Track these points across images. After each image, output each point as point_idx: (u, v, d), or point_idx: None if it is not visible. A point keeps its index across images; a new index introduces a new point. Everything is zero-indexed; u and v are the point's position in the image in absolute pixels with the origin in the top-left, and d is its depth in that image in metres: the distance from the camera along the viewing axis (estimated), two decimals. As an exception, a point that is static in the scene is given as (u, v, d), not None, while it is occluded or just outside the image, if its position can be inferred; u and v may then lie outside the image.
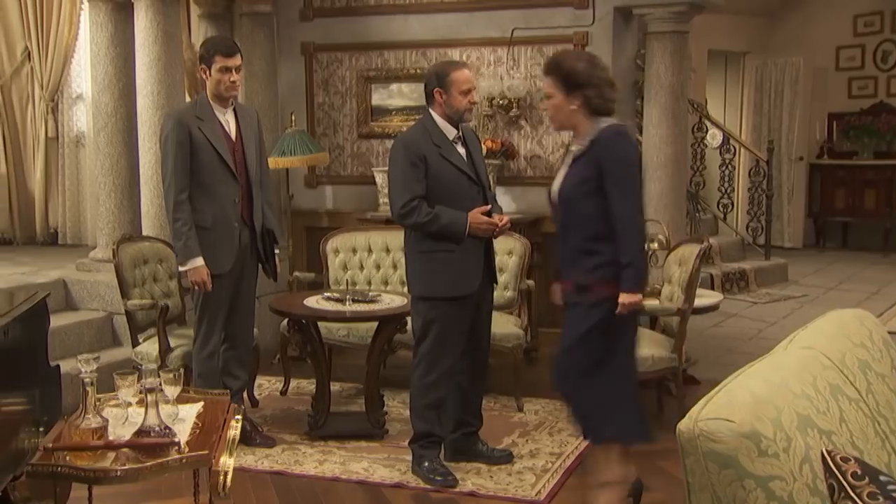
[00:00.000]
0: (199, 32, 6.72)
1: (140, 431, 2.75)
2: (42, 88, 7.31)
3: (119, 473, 2.64)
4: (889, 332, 2.51)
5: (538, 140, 6.12)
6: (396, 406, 4.95)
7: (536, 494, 3.91)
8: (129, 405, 2.94)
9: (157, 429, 2.75)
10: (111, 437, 2.75)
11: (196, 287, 4.25)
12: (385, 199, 5.67)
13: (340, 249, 5.65)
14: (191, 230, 4.21)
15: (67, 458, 2.67)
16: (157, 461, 2.67)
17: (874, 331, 2.45)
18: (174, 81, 5.49)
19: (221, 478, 2.76)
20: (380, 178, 6.21)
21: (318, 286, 5.52)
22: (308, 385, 5.18)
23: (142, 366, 3.61)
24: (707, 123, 8.79)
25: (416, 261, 4.05)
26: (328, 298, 4.71)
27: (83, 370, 2.72)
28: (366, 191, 6.46)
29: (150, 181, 5.45)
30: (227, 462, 2.83)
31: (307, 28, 6.63)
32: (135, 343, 4.81)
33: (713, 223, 9.09)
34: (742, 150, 9.55)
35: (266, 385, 5.48)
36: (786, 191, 10.58)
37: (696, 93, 8.91)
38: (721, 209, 9.03)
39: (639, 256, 3.41)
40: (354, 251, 5.66)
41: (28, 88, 7.43)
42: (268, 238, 4.49)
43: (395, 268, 5.60)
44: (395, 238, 5.26)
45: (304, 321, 4.61)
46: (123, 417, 2.89)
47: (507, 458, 4.24)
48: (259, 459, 4.31)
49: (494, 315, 4.35)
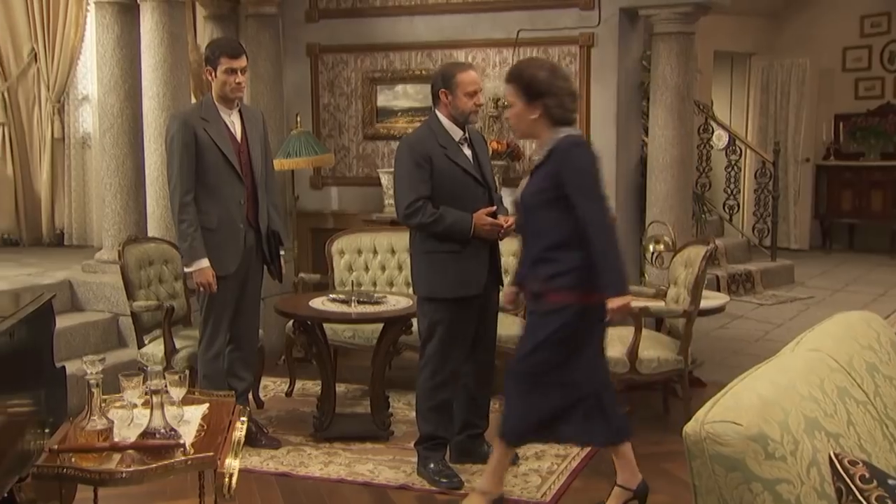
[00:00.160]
0: (205, 34, 6.73)
1: (145, 433, 2.75)
2: (48, 90, 7.33)
3: (124, 475, 2.64)
4: (897, 334, 2.51)
5: (544, 141, 6.10)
6: (402, 408, 4.94)
7: (542, 496, 3.90)
8: (135, 407, 2.94)
9: (163, 430, 2.75)
10: (116, 439, 2.76)
11: (201, 288, 4.25)
12: (390, 201, 5.66)
13: (346, 251, 5.65)
14: (196, 231, 4.21)
15: (73, 460, 2.67)
16: (163, 463, 2.67)
17: (882, 333, 2.44)
18: (180, 83, 5.50)
19: (227, 479, 2.77)
20: (385, 180, 6.21)
21: (324, 287, 5.52)
22: (313, 386, 5.18)
23: (147, 367, 3.61)
24: (713, 124, 8.77)
25: (421, 261, 4.04)
26: (333, 300, 4.71)
27: (88, 372, 2.72)
28: (371, 192, 6.45)
29: (156, 182, 5.45)
30: (233, 464, 2.83)
31: (313, 29, 6.63)
32: (140, 344, 4.81)
33: (719, 224, 9.07)
34: (748, 152, 9.54)
35: (271, 386, 5.48)
36: (792, 192, 10.56)
37: (702, 94, 8.90)
38: (727, 210, 9.02)
39: (616, 259, 3.37)
40: (360, 252, 5.66)
41: (34, 90, 7.45)
42: (273, 239, 4.49)
43: (401, 269, 5.59)
44: (401, 239, 5.26)
45: (310, 322, 4.60)
46: (129, 419, 2.89)
47: (512, 461, 4.23)
48: (264, 461, 4.31)
49: (500, 317, 4.34)
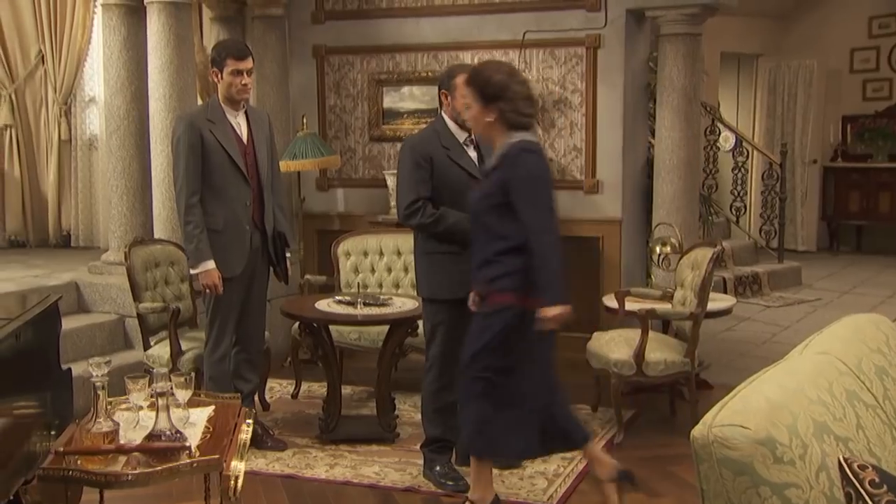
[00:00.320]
0: (211, 35, 6.73)
1: (151, 435, 2.75)
2: (55, 91, 7.34)
3: (130, 478, 2.64)
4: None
5: (550, 143, 6.10)
6: (408, 409, 4.93)
7: (548, 499, 3.89)
8: (141, 409, 2.94)
9: (168, 433, 2.75)
10: (122, 441, 2.76)
11: (207, 290, 4.25)
12: (396, 202, 5.66)
13: (352, 252, 5.65)
14: (202, 233, 4.21)
15: (79, 462, 2.67)
16: (168, 465, 2.67)
17: (891, 336, 2.43)
18: (186, 84, 5.50)
19: (232, 482, 2.76)
20: (391, 181, 6.20)
21: (330, 289, 5.52)
22: (319, 388, 5.17)
23: (153, 369, 3.61)
24: (720, 126, 8.76)
25: (422, 262, 4.04)
26: (339, 302, 4.71)
27: (94, 374, 2.72)
28: (377, 194, 6.45)
29: (162, 184, 5.46)
30: (238, 466, 2.83)
31: (319, 31, 6.63)
32: (146, 346, 4.82)
33: (726, 226, 9.05)
34: (755, 153, 9.52)
35: (277, 388, 5.47)
36: (799, 194, 10.53)
37: (709, 95, 8.88)
38: (734, 212, 9.00)
39: (555, 268, 3.34)
40: (366, 254, 5.66)
41: (42, 91, 7.46)
42: (279, 241, 4.49)
43: (407, 271, 5.58)
44: (407, 241, 5.25)
45: (316, 324, 4.60)
46: (134, 421, 2.89)
47: (517, 463, 4.22)
48: (270, 463, 4.31)
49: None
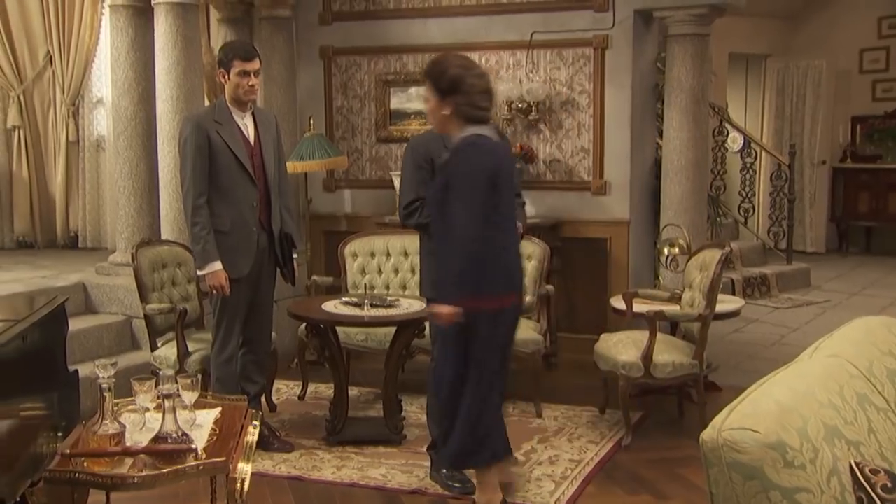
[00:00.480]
0: (219, 37, 6.74)
1: (157, 437, 2.74)
2: (63, 93, 7.35)
3: (136, 480, 2.64)
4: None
5: (557, 144, 6.08)
6: (414, 411, 4.92)
7: (555, 502, 3.87)
8: (147, 411, 2.93)
9: (175, 435, 2.74)
10: (128, 443, 2.75)
11: (214, 291, 4.25)
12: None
13: (359, 253, 5.64)
14: (209, 234, 4.20)
15: (85, 465, 2.67)
16: (175, 468, 2.66)
17: (902, 338, 2.40)
18: (193, 86, 5.50)
19: (239, 484, 2.76)
20: (398, 182, 6.19)
21: (337, 290, 5.51)
22: (326, 390, 5.17)
23: (160, 371, 3.61)
24: (728, 127, 8.72)
25: (426, 262, 4.04)
26: (346, 303, 4.70)
27: (101, 376, 2.72)
28: (384, 194, 6.44)
29: (169, 185, 5.46)
30: (245, 468, 2.82)
31: (326, 32, 6.62)
32: (153, 347, 4.81)
33: (734, 227, 9.02)
34: (763, 154, 9.48)
35: (284, 389, 5.47)
36: (808, 195, 10.48)
37: (717, 96, 8.85)
38: (742, 213, 8.96)
39: (457, 269, 3.37)
40: (373, 255, 5.65)
41: (50, 93, 7.47)
42: (286, 242, 4.48)
43: (414, 272, 5.57)
44: (413, 242, 5.21)
45: (323, 326, 4.59)
46: (141, 423, 2.88)
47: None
48: (277, 464, 4.30)
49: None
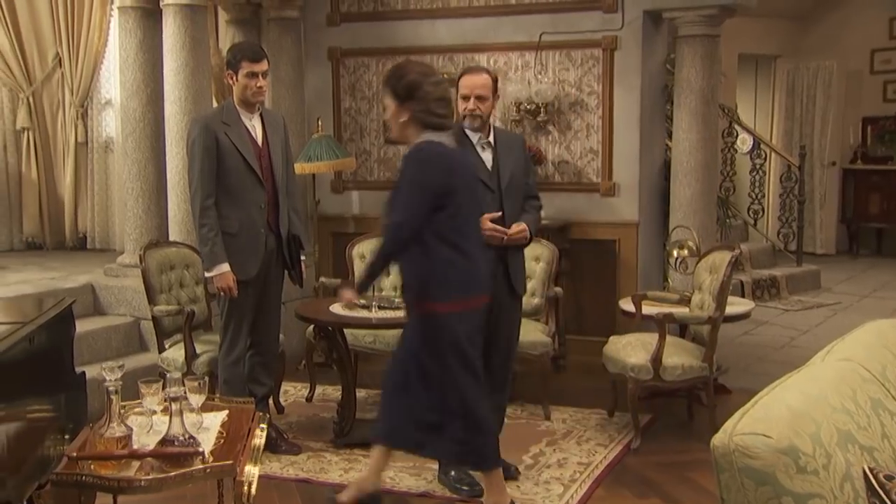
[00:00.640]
0: (227, 38, 6.74)
1: (164, 440, 2.73)
2: (72, 94, 7.37)
3: (143, 483, 2.63)
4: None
5: (566, 145, 6.06)
6: (423, 413, 4.90)
7: (564, 505, 3.86)
8: (154, 413, 2.92)
9: (182, 438, 2.73)
10: (136, 446, 2.74)
11: (222, 293, 4.24)
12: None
13: (367, 255, 5.61)
14: (217, 236, 4.20)
15: (92, 468, 2.66)
16: (182, 471, 2.65)
17: (915, 342, 2.38)
18: (201, 87, 5.50)
19: (246, 487, 2.75)
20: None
21: (345, 292, 5.49)
22: (334, 392, 5.16)
23: (167, 373, 3.60)
24: (737, 128, 8.69)
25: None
26: (354, 305, 4.68)
27: (108, 378, 2.71)
28: (392, 196, 6.42)
29: (178, 186, 5.46)
30: (252, 471, 2.81)
31: (334, 33, 6.62)
32: (161, 349, 4.81)
33: (743, 229, 8.98)
34: (773, 156, 9.44)
35: (292, 391, 5.46)
36: (818, 196, 10.43)
37: (727, 97, 8.81)
38: (751, 215, 8.93)
39: (372, 268, 3.55)
40: (381, 257, 5.63)
41: (59, 94, 7.49)
42: (294, 244, 4.48)
43: (422, 274, 5.55)
44: (422, 244, 5.22)
45: (330, 327, 4.59)
46: (148, 426, 2.88)
47: (512, 475, 4.06)
48: (284, 467, 4.29)
49: (521, 322, 4.28)
